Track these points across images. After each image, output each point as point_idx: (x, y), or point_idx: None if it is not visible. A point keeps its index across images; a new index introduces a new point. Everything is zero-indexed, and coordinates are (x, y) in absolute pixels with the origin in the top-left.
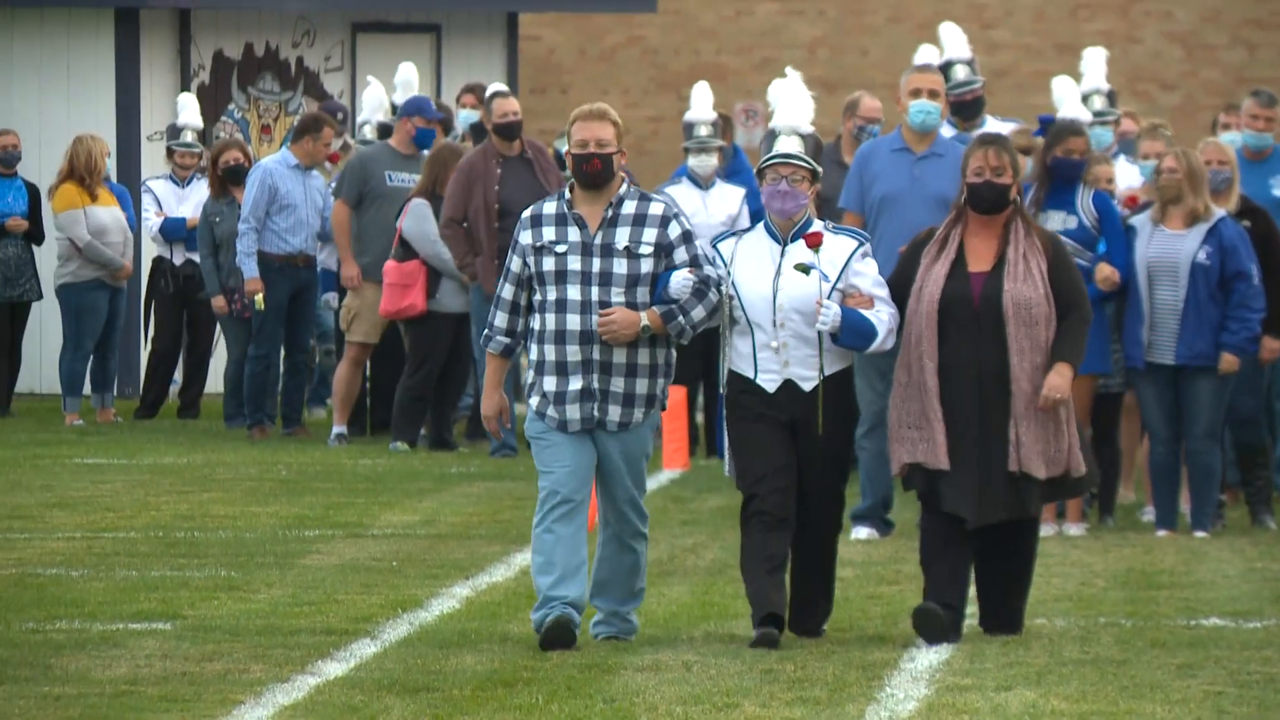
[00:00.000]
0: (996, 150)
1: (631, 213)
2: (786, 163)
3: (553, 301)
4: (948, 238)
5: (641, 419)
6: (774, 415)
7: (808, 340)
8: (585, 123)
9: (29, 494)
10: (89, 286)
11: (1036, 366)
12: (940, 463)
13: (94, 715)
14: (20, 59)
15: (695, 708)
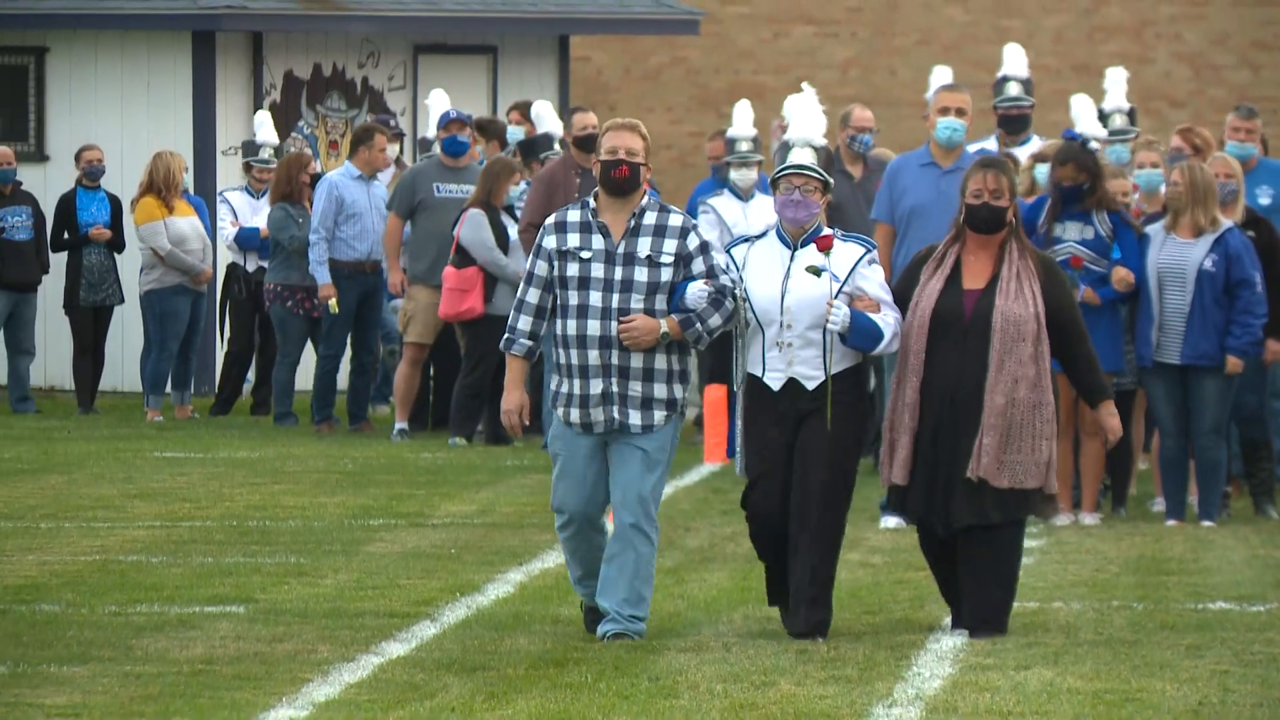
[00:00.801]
0: (995, 174)
1: (653, 223)
2: (799, 173)
3: (575, 307)
4: (945, 255)
5: (662, 421)
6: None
7: (812, 342)
8: (616, 132)
9: (111, 485)
10: (172, 292)
11: (1016, 380)
12: (898, 479)
13: (172, 693)
14: (104, 78)
15: (734, 685)
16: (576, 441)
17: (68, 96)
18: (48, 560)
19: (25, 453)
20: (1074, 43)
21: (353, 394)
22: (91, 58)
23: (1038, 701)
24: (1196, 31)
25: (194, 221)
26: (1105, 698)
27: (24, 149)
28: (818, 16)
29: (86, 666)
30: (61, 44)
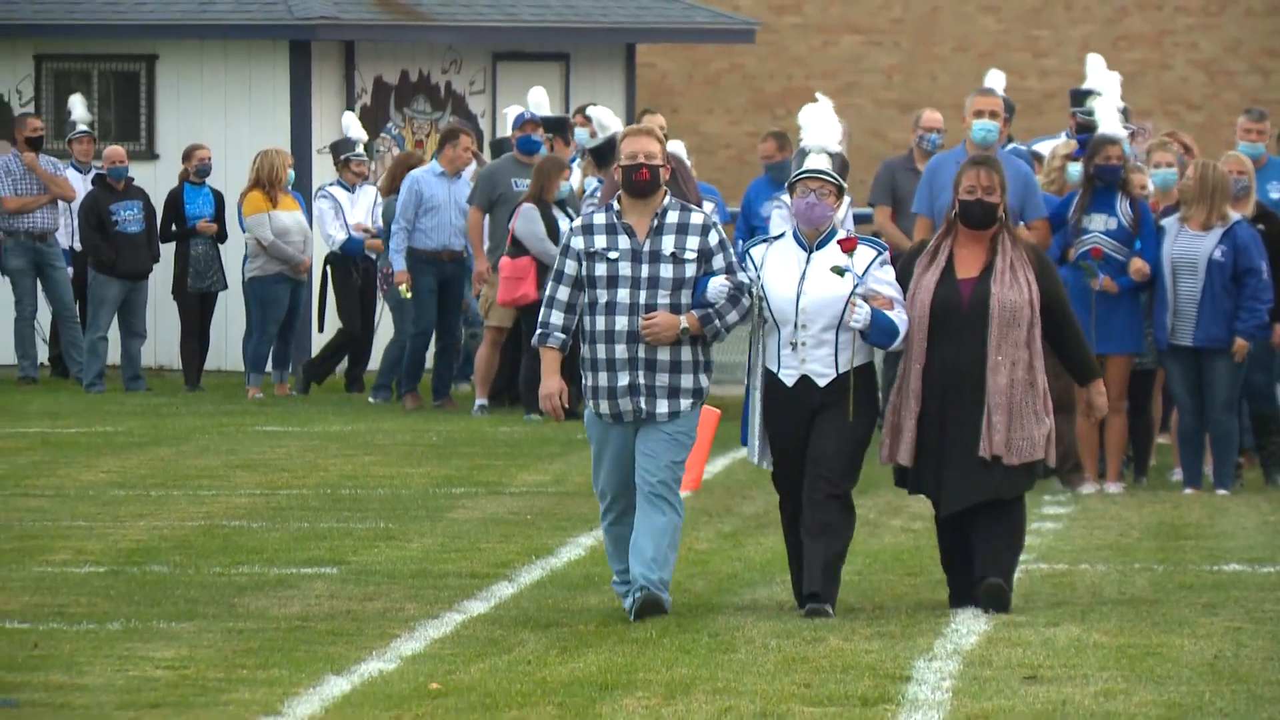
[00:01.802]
0: (987, 171)
1: (675, 221)
2: (815, 177)
3: (603, 304)
4: (938, 249)
5: (688, 408)
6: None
7: (825, 341)
8: (635, 138)
9: (216, 457)
10: (273, 280)
11: (1014, 363)
12: (904, 457)
13: (271, 647)
14: (209, 83)
15: (787, 641)
16: (609, 433)
17: (175, 100)
18: (157, 525)
19: (136, 427)
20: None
21: (436, 373)
22: (197, 64)
23: (1066, 656)
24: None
25: (297, 215)
26: (1128, 652)
27: (135, 148)
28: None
29: (193, 623)
30: (170, 52)
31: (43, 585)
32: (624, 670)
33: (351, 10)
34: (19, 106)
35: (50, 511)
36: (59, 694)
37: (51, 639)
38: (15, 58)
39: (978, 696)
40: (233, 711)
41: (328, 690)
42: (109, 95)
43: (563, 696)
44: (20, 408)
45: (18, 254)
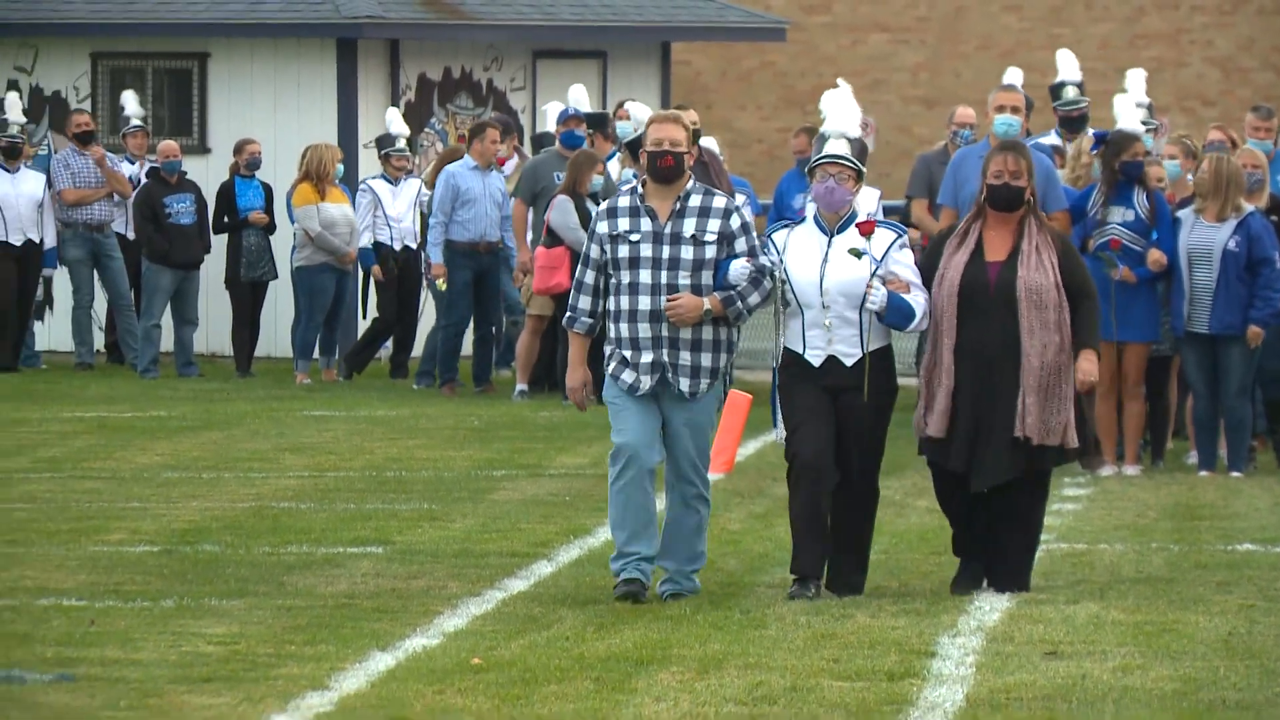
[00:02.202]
0: (1014, 156)
1: (697, 205)
2: (834, 162)
3: (627, 284)
4: (968, 231)
5: (707, 389)
6: (820, 387)
7: (850, 321)
8: (661, 124)
9: (265, 440)
10: (320, 270)
11: (1045, 345)
12: (938, 431)
13: (319, 624)
14: (259, 80)
15: (816, 618)
16: (629, 397)
17: (226, 96)
18: (209, 506)
19: (189, 411)
20: (1117, 48)
21: (476, 360)
22: (248, 62)
23: (1085, 632)
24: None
25: (344, 208)
26: (1145, 628)
27: (188, 143)
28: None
29: (243, 600)
30: (221, 50)
31: (99, 564)
32: (659, 646)
33: (396, 9)
34: (76, 103)
35: (106, 493)
36: (114, 669)
37: (107, 616)
38: (72, 56)
39: (1000, 671)
40: (282, 686)
41: (373, 665)
42: (162, 92)
43: (599, 671)
44: (78, 393)
45: (76, 245)
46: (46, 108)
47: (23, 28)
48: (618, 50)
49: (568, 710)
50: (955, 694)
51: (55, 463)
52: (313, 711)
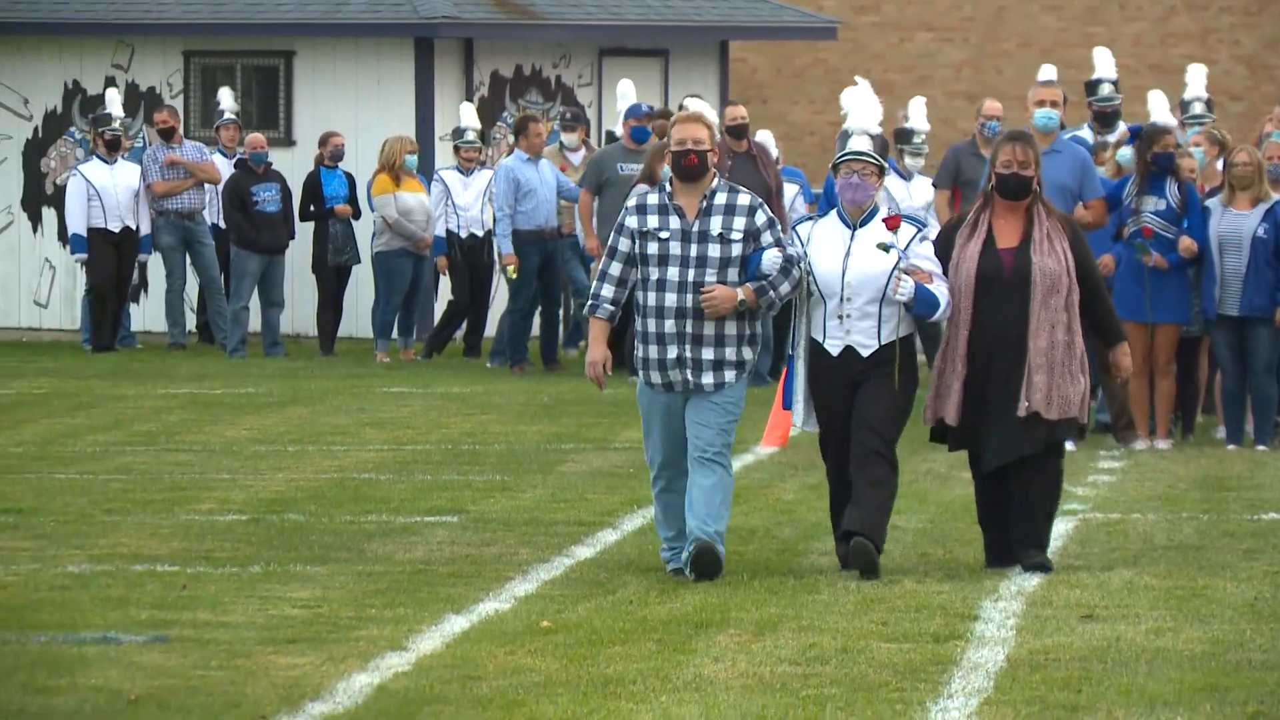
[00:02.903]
0: (1023, 146)
1: (723, 203)
2: (858, 158)
3: (654, 281)
4: (978, 221)
5: (733, 379)
6: (840, 377)
7: (869, 314)
8: (684, 124)
9: (347, 415)
10: (397, 254)
11: (1054, 325)
12: (950, 417)
13: (397, 588)
14: (342, 77)
15: (866, 583)
16: (656, 399)
17: (311, 92)
18: (294, 478)
19: (275, 388)
20: (1149, 46)
21: (544, 340)
22: (331, 59)
23: (1119, 596)
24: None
25: (421, 196)
26: (1176, 593)
27: (275, 135)
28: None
29: (326, 566)
30: (306, 48)
31: (190, 532)
32: (717, 609)
33: (471, 10)
34: (169, 98)
35: (197, 465)
36: (205, 630)
37: (199, 581)
38: (166, 54)
39: (1039, 634)
40: (362, 647)
41: (448, 627)
42: (251, 88)
43: (661, 633)
44: (171, 371)
45: (168, 232)
46: (142, 103)
47: (120, 27)
48: (679, 48)
49: (631, 670)
50: (997, 655)
51: (150, 436)
52: (391, 671)
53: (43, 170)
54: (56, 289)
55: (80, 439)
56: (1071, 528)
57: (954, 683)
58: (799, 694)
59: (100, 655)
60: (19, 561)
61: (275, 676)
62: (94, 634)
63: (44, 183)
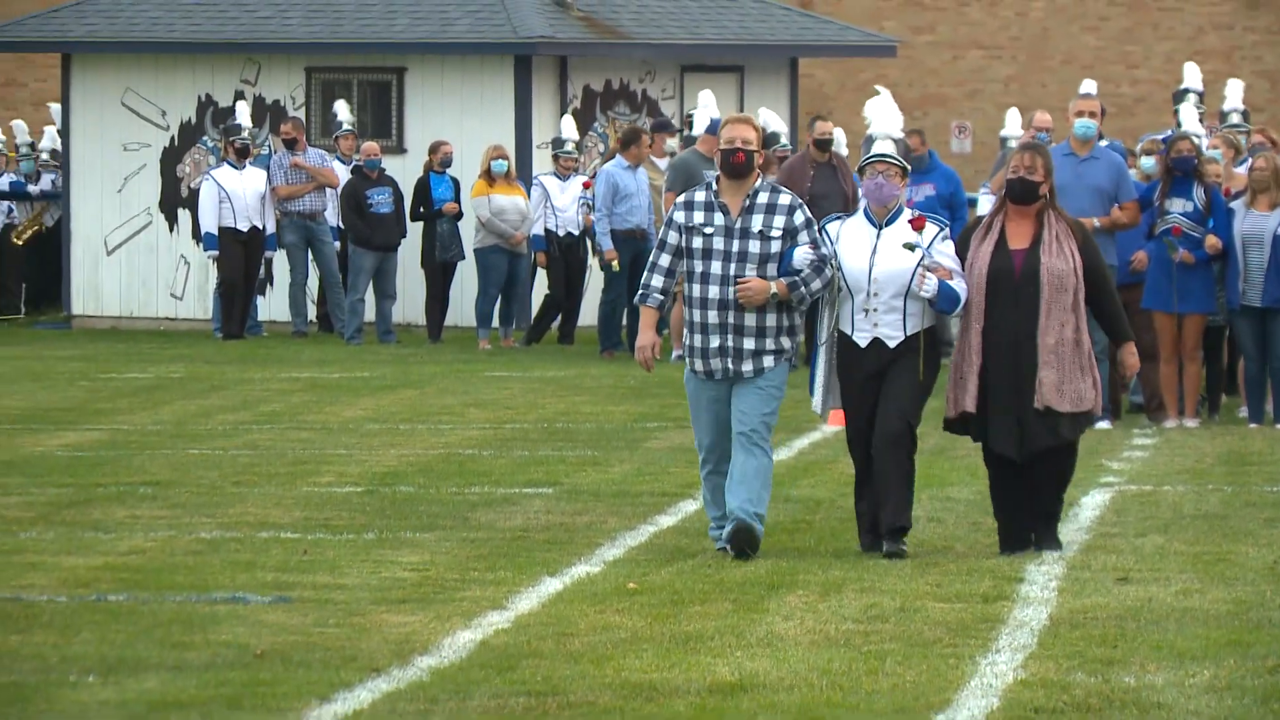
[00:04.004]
0: (1033, 154)
1: (765, 202)
2: (882, 161)
3: (699, 274)
4: (992, 223)
5: (772, 365)
6: (866, 369)
7: (895, 308)
8: (733, 125)
9: (453, 397)
10: (492, 251)
11: (1062, 324)
12: (969, 407)
13: (498, 554)
14: (448, 91)
15: (921, 548)
16: (702, 387)
17: (420, 104)
18: (405, 453)
19: (388, 373)
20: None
21: (631, 329)
22: (438, 75)
23: (1152, 560)
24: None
25: (516, 199)
26: (1203, 558)
27: (387, 144)
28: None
29: (433, 533)
30: (416, 65)
31: (311, 502)
32: (787, 573)
33: (565, 30)
34: (292, 111)
35: (317, 442)
36: (324, 592)
37: (318, 546)
38: (289, 70)
39: (1078, 594)
40: (466, 606)
41: (544, 589)
42: (366, 100)
43: (737, 594)
44: (293, 357)
45: (292, 231)
46: (268, 115)
47: (248, 46)
48: (753, 65)
49: (709, 627)
50: (1040, 614)
51: (274, 416)
52: (493, 628)
53: (178, 175)
54: (191, 283)
55: (212, 418)
56: (1108, 499)
57: (1001, 639)
58: (861, 649)
59: (229, 614)
60: (157, 529)
61: (387, 633)
62: (224, 594)
63: (179, 187)
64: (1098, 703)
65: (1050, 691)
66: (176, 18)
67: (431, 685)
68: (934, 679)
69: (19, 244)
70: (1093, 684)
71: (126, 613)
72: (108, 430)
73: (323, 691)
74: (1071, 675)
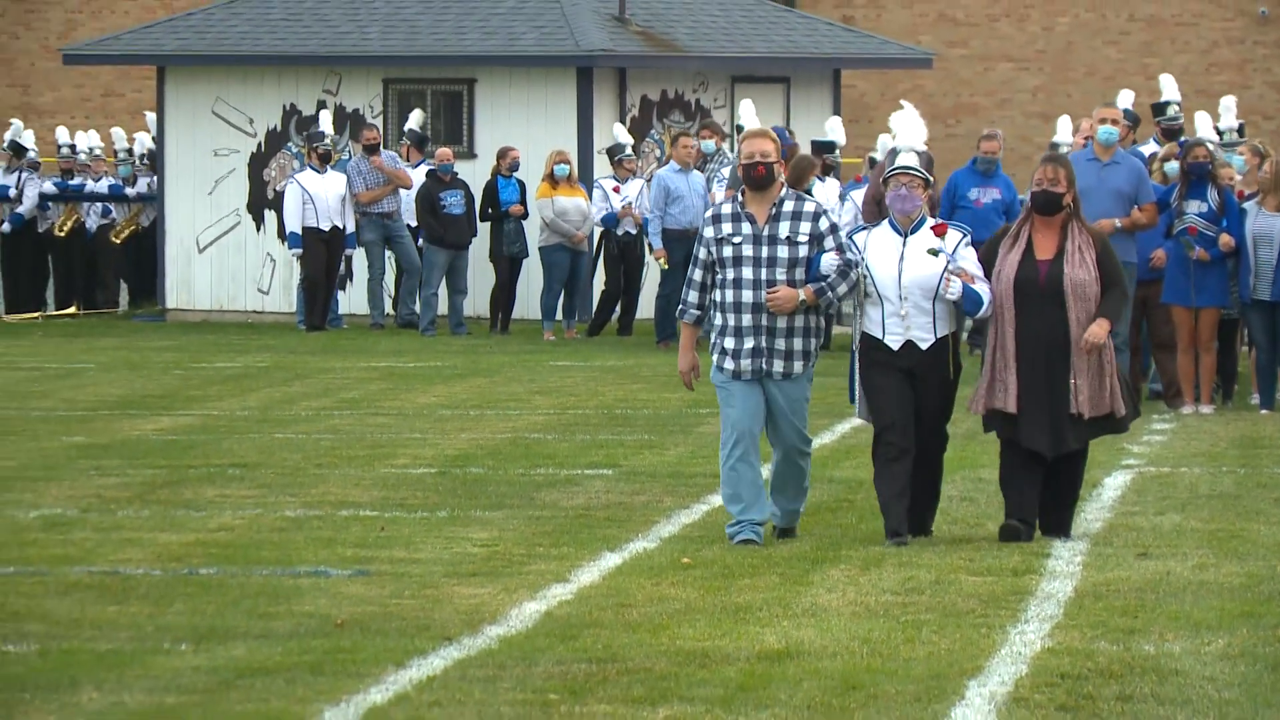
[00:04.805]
0: (1055, 166)
1: (790, 209)
2: (906, 172)
3: (731, 280)
4: (1019, 233)
5: (800, 370)
6: (897, 367)
7: (924, 310)
8: (751, 140)
9: (519, 385)
10: (556, 248)
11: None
12: (1010, 407)
13: (561, 530)
14: (516, 100)
15: (954, 526)
16: (734, 381)
17: (490, 112)
18: (474, 437)
19: (459, 362)
20: (1195, 74)
21: None
22: (506, 85)
23: (1170, 538)
24: None
25: (578, 200)
26: (1217, 535)
27: (459, 150)
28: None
29: (501, 512)
30: (485, 76)
31: (388, 483)
32: (830, 548)
33: (624, 44)
34: (370, 119)
35: (394, 426)
36: (400, 565)
37: (394, 524)
38: (368, 81)
39: (1101, 568)
40: (532, 579)
41: (604, 563)
42: (439, 109)
43: (784, 568)
44: (371, 348)
45: (370, 229)
46: (348, 123)
47: (330, 59)
48: (798, 76)
49: (758, 599)
50: (1066, 586)
51: (354, 402)
52: (556, 599)
53: (264, 179)
54: (276, 278)
55: (295, 405)
56: (1129, 480)
57: (1030, 609)
58: (899, 619)
59: (312, 586)
60: (244, 508)
61: (458, 604)
62: (307, 568)
63: (266, 189)
64: (1119, 669)
65: (1075, 659)
66: (263, 32)
67: (499, 652)
68: (967, 647)
69: (117, 243)
70: (1115, 652)
71: (216, 585)
72: (199, 415)
73: (399, 658)
74: (1095, 644)
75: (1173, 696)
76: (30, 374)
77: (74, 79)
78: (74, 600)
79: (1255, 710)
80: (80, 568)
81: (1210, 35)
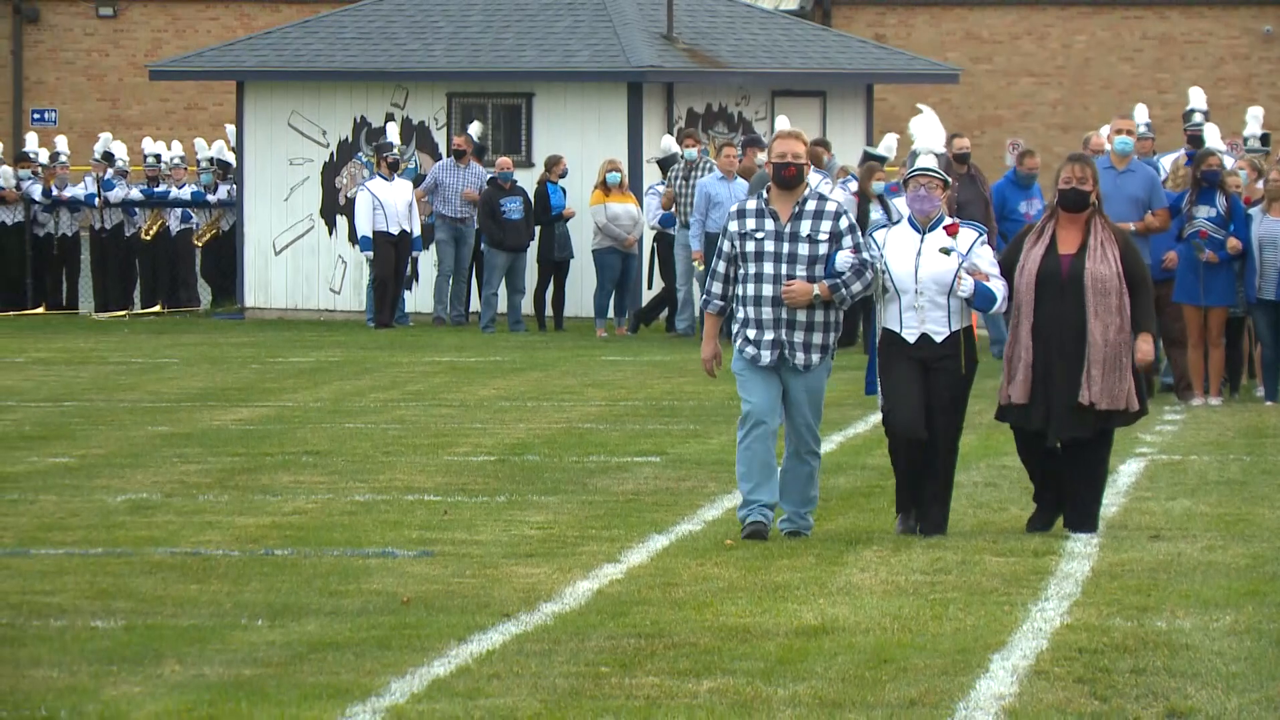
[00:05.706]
0: (1080, 165)
1: (813, 209)
2: (925, 174)
3: (753, 274)
4: (1044, 229)
5: (818, 362)
6: (913, 358)
7: (939, 305)
8: (783, 140)
9: (572, 378)
10: (608, 251)
11: (1107, 325)
12: (1021, 398)
13: (612, 514)
14: (571, 112)
15: (979, 510)
16: (753, 369)
17: (546, 123)
18: (532, 427)
19: (517, 357)
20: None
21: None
22: (562, 99)
23: (1181, 521)
24: None
25: (629, 206)
26: (1225, 519)
27: (518, 159)
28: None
29: (556, 496)
30: (543, 90)
31: (450, 469)
32: (863, 531)
33: (671, 61)
34: (435, 131)
35: (456, 417)
36: (462, 547)
37: (457, 508)
38: (433, 95)
39: (1116, 550)
40: (585, 559)
41: (653, 545)
42: (499, 121)
43: (820, 548)
44: (435, 343)
45: (442, 230)
46: (414, 134)
47: (397, 74)
48: (833, 90)
49: (796, 578)
50: (1084, 566)
51: (419, 394)
52: (608, 578)
53: (336, 186)
54: (347, 279)
55: (364, 396)
56: (1142, 467)
57: (1050, 588)
58: (927, 597)
59: (379, 566)
60: (317, 492)
61: (516, 583)
62: (375, 549)
63: (337, 196)
64: (1133, 644)
65: (1092, 634)
66: (335, 50)
67: (554, 628)
68: (991, 623)
69: (199, 245)
70: (1129, 628)
71: (290, 565)
72: (275, 407)
73: (460, 633)
74: (1111, 620)
75: (1183, 669)
76: (118, 368)
77: (159, 93)
78: (158, 579)
79: (1260, 682)
80: (164, 549)
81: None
